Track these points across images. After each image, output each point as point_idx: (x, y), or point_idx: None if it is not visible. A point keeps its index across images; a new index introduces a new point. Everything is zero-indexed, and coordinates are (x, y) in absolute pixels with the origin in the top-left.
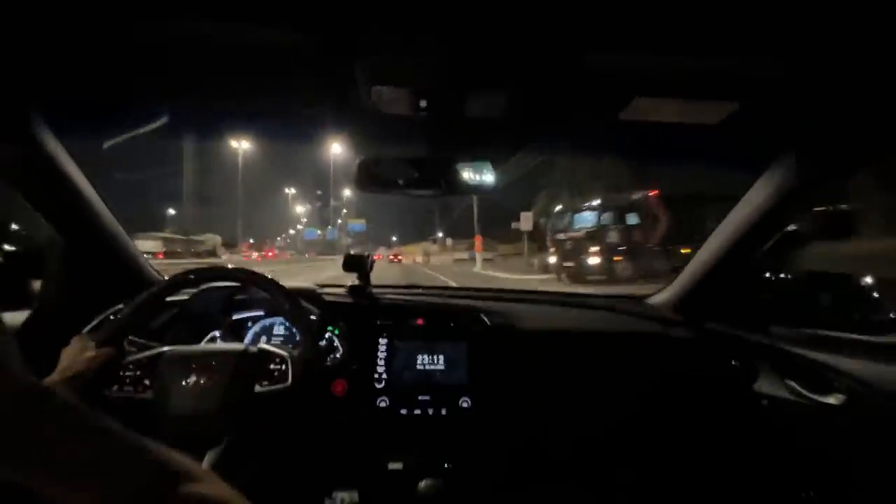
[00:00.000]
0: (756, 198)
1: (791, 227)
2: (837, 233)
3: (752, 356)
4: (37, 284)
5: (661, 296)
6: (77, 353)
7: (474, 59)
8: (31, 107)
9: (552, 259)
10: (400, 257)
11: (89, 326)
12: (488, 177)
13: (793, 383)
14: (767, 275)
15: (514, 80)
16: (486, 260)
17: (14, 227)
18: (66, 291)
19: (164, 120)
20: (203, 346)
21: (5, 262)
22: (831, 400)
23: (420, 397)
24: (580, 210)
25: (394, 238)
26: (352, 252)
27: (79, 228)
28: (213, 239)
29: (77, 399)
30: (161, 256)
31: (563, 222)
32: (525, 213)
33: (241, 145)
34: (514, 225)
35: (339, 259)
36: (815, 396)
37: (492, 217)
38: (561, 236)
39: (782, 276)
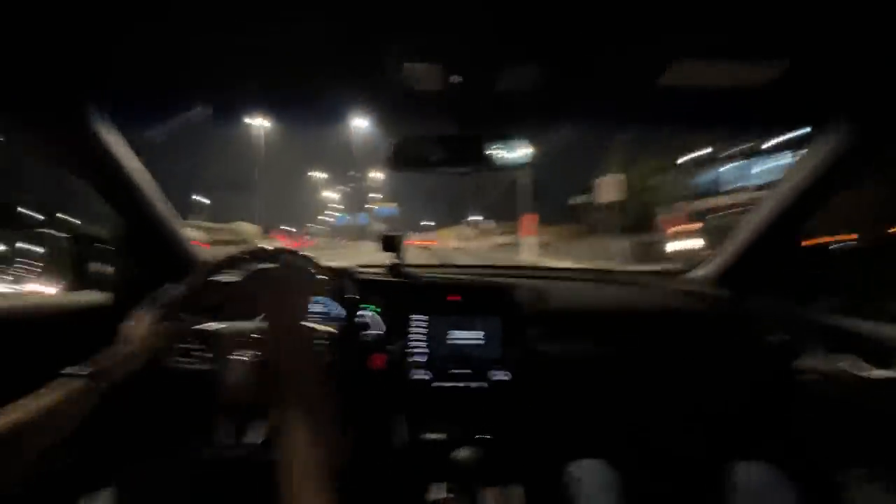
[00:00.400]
0: (804, 166)
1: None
2: None
3: (798, 330)
4: (100, 266)
5: (701, 270)
6: (140, 327)
7: (507, 32)
8: (87, 100)
9: (683, 243)
10: (427, 242)
11: (149, 303)
12: (523, 152)
13: (841, 357)
14: (814, 246)
15: (546, 51)
16: (540, 245)
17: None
18: (129, 273)
19: (208, 110)
20: (255, 322)
21: (79, 247)
22: (880, 374)
23: (456, 371)
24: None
25: (426, 223)
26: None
27: (139, 214)
28: (247, 227)
29: (142, 369)
30: (207, 247)
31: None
32: (609, 178)
33: (262, 124)
34: (576, 199)
35: (364, 245)
36: (865, 371)
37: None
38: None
39: (826, 247)
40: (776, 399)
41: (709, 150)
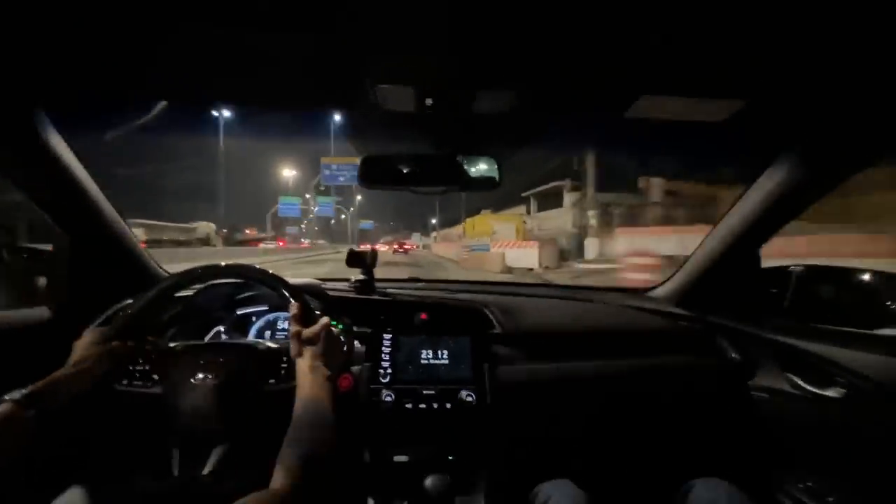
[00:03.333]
0: (760, 192)
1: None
2: None
3: (752, 349)
4: (44, 281)
5: (663, 289)
6: (89, 346)
7: (480, 57)
8: (34, 105)
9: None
10: (407, 246)
11: (99, 321)
12: (493, 172)
13: (793, 376)
14: (769, 268)
15: (519, 78)
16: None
17: (22, 226)
18: (74, 288)
19: (161, 107)
20: (210, 341)
21: (14, 261)
22: (831, 393)
23: (424, 391)
24: None
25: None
26: (355, 248)
27: (84, 226)
28: (205, 227)
29: (88, 391)
30: (143, 246)
31: None
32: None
33: (222, 114)
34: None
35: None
36: (815, 389)
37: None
38: None
39: (783, 269)
40: (732, 415)
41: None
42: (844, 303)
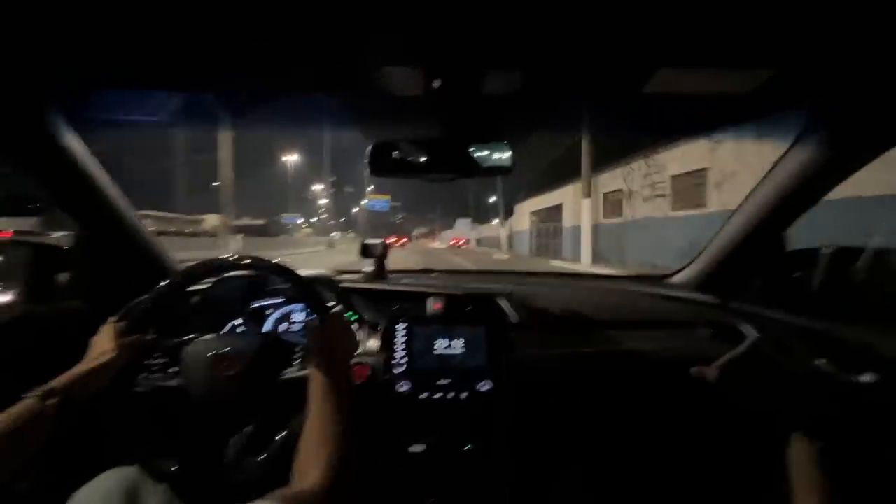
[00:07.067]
0: (785, 170)
1: None
2: None
3: (778, 335)
4: (62, 278)
5: (682, 275)
6: (106, 341)
7: (488, 33)
8: (46, 101)
9: None
10: (462, 241)
11: (116, 316)
12: (506, 157)
13: (822, 362)
14: (797, 250)
15: (530, 54)
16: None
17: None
18: (91, 283)
19: (169, 104)
20: (225, 334)
21: (33, 258)
22: (864, 379)
23: (439, 382)
24: None
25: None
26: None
27: (100, 222)
28: (213, 219)
29: (107, 385)
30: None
31: None
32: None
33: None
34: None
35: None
36: (847, 376)
37: None
38: None
39: (812, 251)
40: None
41: None
42: (879, 285)
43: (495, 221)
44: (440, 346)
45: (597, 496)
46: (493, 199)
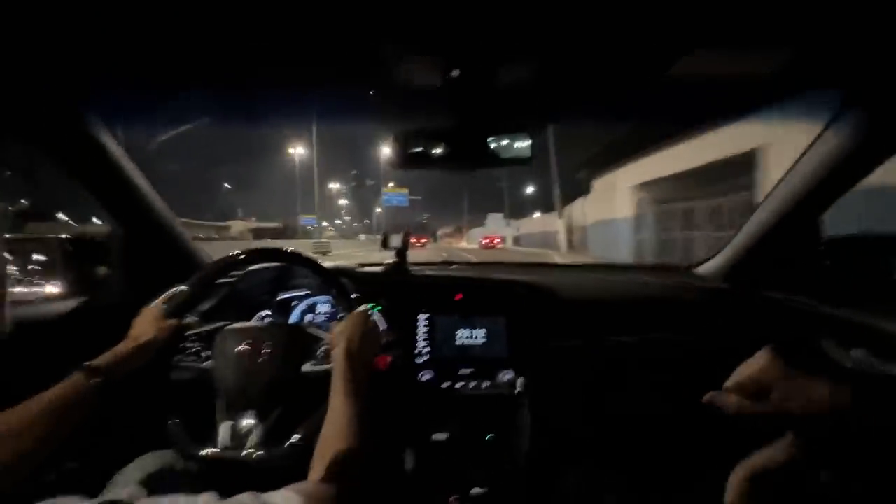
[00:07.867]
0: (818, 154)
1: None
2: None
3: (812, 325)
4: (100, 271)
5: (711, 265)
6: (147, 322)
7: (507, 19)
8: (85, 104)
9: None
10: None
11: (156, 301)
12: (525, 147)
13: (859, 353)
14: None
15: (552, 42)
16: None
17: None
18: (130, 275)
19: (203, 120)
20: (255, 323)
21: (73, 252)
22: None
23: (461, 371)
24: None
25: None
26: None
27: (136, 218)
28: (240, 225)
29: (146, 365)
30: None
31: None
32: None
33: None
34: None
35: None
36: (884, 367)
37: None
38: None
39: (850, 238)
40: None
41: None
42: None
43: (536, 215)
44: (462, 336)
45: (617, 488)
46: (530, 189)
